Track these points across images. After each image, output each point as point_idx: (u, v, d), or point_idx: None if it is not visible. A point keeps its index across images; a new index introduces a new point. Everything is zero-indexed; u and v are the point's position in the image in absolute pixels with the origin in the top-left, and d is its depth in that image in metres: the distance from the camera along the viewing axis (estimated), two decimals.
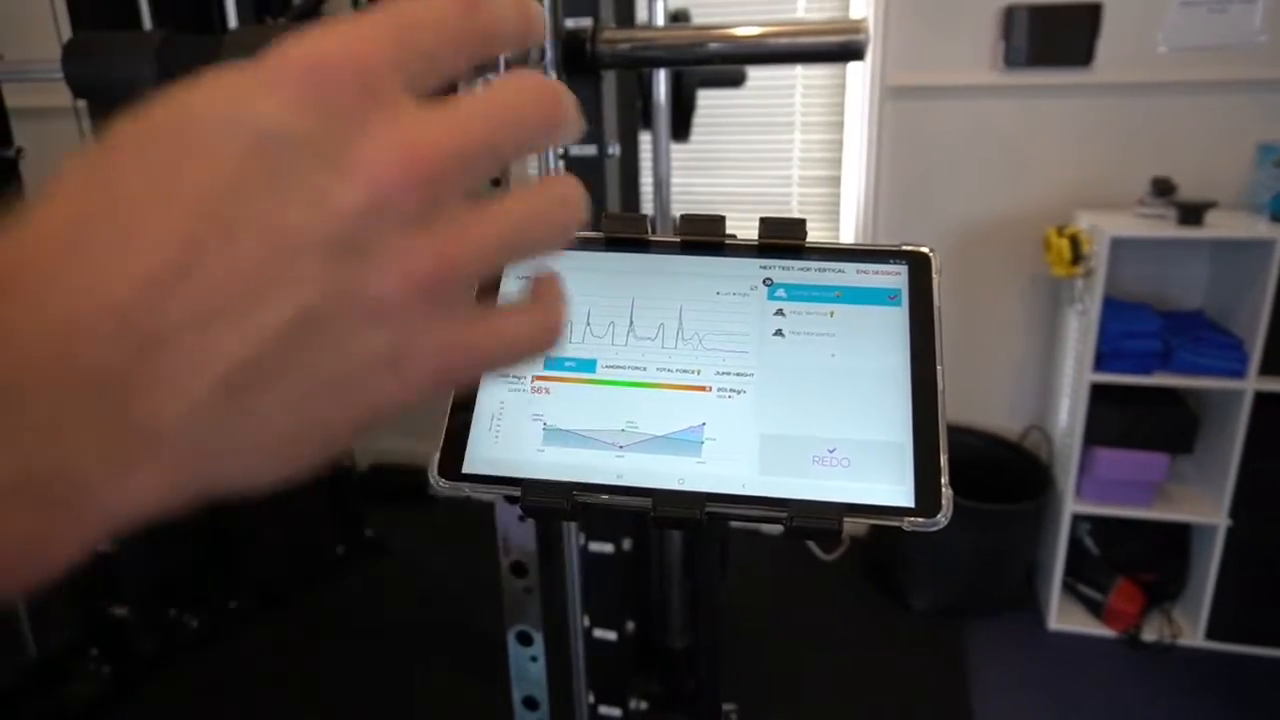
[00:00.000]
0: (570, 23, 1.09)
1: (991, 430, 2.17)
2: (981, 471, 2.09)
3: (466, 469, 0.42)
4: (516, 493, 0.41)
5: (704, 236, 0.46)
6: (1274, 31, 1.83)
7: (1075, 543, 2.01)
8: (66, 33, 1.51)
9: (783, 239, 0.45)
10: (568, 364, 0.44)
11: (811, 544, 2.29)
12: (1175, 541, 1.97)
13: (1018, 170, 2.04)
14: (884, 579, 2.11)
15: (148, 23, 1.62)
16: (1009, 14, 1.94)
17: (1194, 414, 1.82)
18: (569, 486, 0.41)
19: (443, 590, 2.18)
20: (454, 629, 2.03)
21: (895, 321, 0.44)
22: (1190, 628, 1.93)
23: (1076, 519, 1.94)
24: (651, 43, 1.08)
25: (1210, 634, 1.90)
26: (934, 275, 0.46)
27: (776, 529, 1.02)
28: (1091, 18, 1.92)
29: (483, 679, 1.86)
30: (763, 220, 0.46)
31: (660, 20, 1.42)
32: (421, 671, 1.90)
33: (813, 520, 0.39)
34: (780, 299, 0.44)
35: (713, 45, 1.03)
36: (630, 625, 1.47)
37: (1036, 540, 2.05)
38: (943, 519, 0.39)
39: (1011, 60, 1.97)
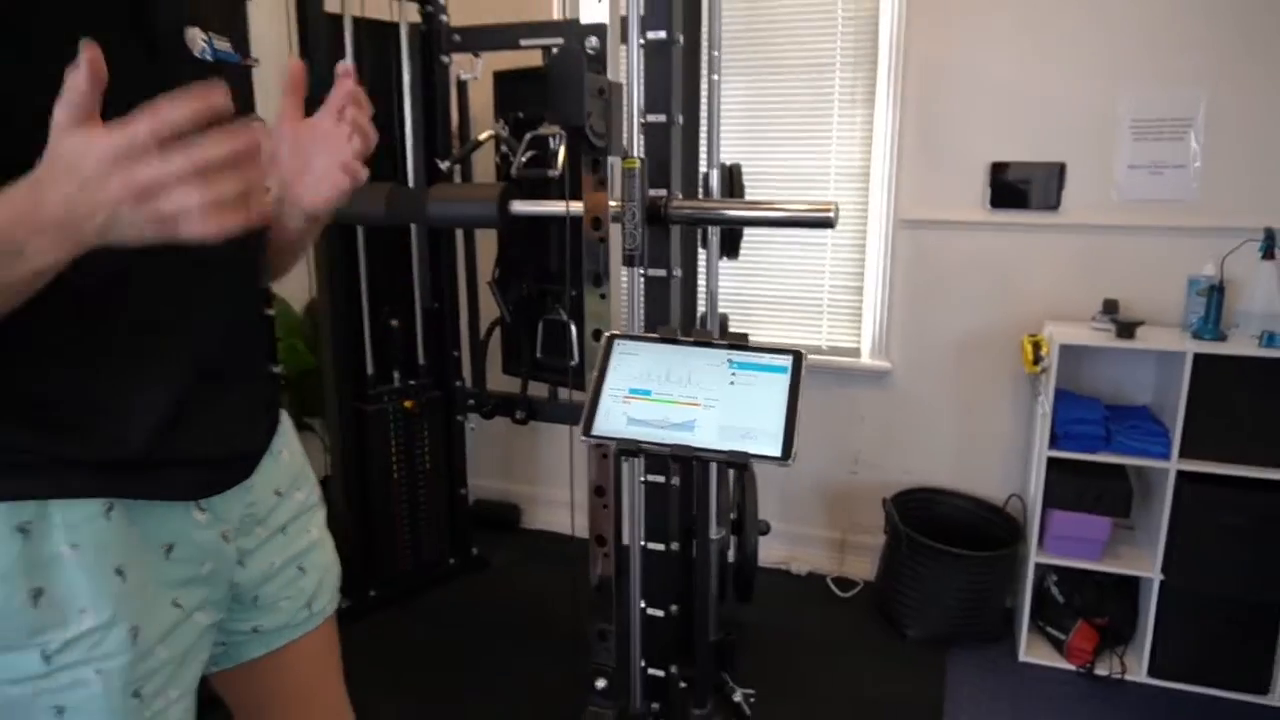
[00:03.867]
0: (652, 192, 1.70)
1: (981, 496, 2.65)
2: (970, 530, 2.57)
3: (594, 433, 1.00)
4: (616, 443, 0.98)
5: (704, 340, 1.04)
6: (1203, 190, 2.35)
7: (1044, 591, 2.46)
8: None
9: (736, 343, 1.03)
10: (639, 390, 1.01)
11: (830, 583, 2.78)
12: (1126, 592, 2.40)
13: (1002, 287, 2.57)
14: (886, 612, 2.58)
15: None
16: (994, 167, 2.51)
17: (1130, 486, 2.29)
18: (638, 442, 0.98)
19: (530, 597, 2.74)
20: (538, 626, 2.58)
21: (783, 381, 1.00)
22: (1136, 665, 2.34)
23: (1040, 568, 2.40)
24: (704, 210, 1.68)
25: (1151, 672, 2.31)
26: (804, 362, 1.02)
27: (803, 570, 1.79)
28: (1059, 173, 2.47)
29: (561, 667, 2.39)
30: (728, 333, 1.02)
31: (716, 175, 2.03)
32: (511, 657, 2.44)
33: (736, 459, 0.95)
34: (734, 368, 1.02)
35: (745, 214, 1.63)
36: (674, 608, 1.99)
37: (1012, 587, 2.50)
38: (792, 462, 0.95)
39: (996, 202, 2.53)
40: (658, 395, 1.01)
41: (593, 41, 1.37)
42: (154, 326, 0.79)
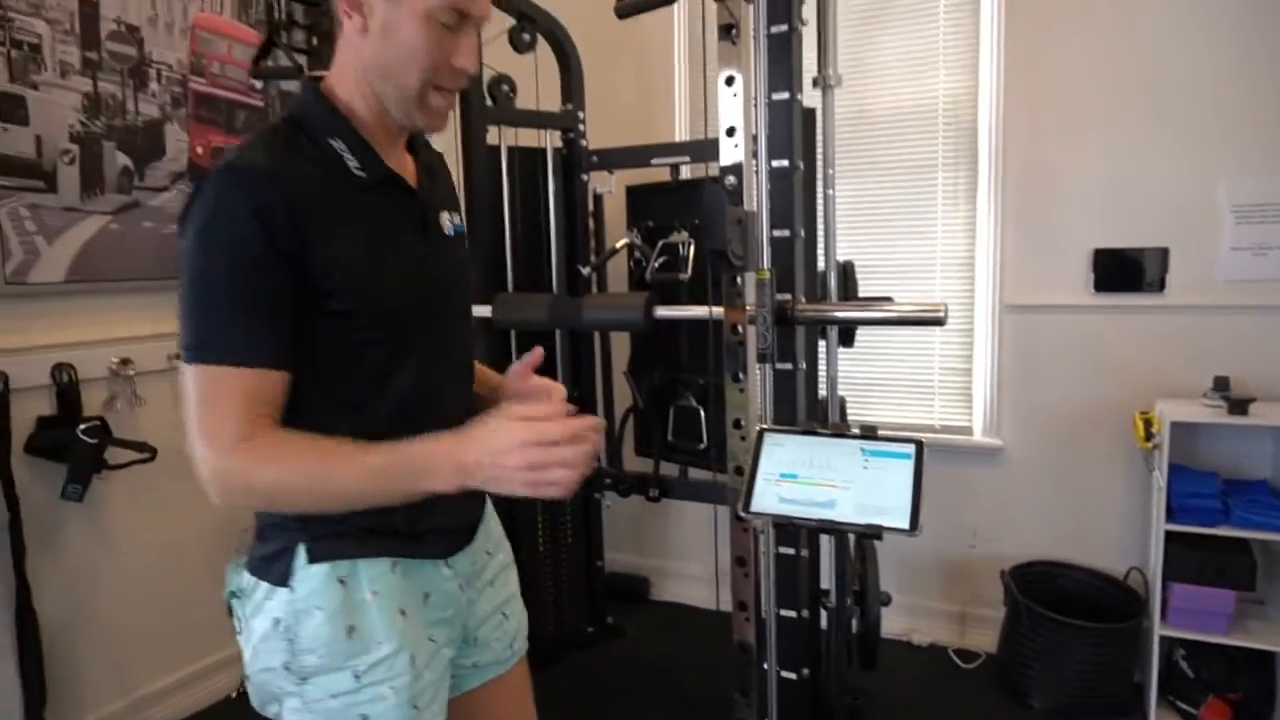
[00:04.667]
0: (779, 296, 1.94)
1: (1100, 569, 2.72)
2: (1091, 603, 2.64)
3: (752, 510, 1.22)
4: (772, 518, 1.20)
5: (840, 432, 1.26)
6: None
7: (1173, 665, 2.49)
8: None
9: (868, 436, 1.24)
10: (788, 474, 1.23)
11: (952, 654, 2.86)
12: (1260, 667, 2.41)
13: (1110, 366, 2.68)
14: (1010, 683, 2.65)
15: (510, 284, 2.66)
16: (1097, 254, 2.66)
17: (1254, 559, 2.33)
18: (790, 517, 1.20)
19: (662, 665, 2.93)
20: (673, 692, 2.76)
21: (908, 465, 1.21)
22: None
23: (1167, 641, 2.44)
24: (825, 313, 1.91)
25: None
26: (925, 449, 1.22)
27: (924, 641, 2.05)
28: (1162, 257, 2.59)
29: None
30: (861, 427, 1.24)
31: (833, 275, 2.26)
32: (650, 719, 2.63)
33: (872, 531, 1.15)
34: (866, 455, 1.23)
35: (862, 315, 1.85)
36: (806, 672, 2.15)
37: (1139, 660, 2.54)
38: (919, 533, 1.15)
39: (1100, 286, 2.66)
40: (804, 479, 1.23)
41: (731, 180, 1.63)
42: None
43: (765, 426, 1.30)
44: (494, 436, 0.90)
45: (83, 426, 2.24)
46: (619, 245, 2.77)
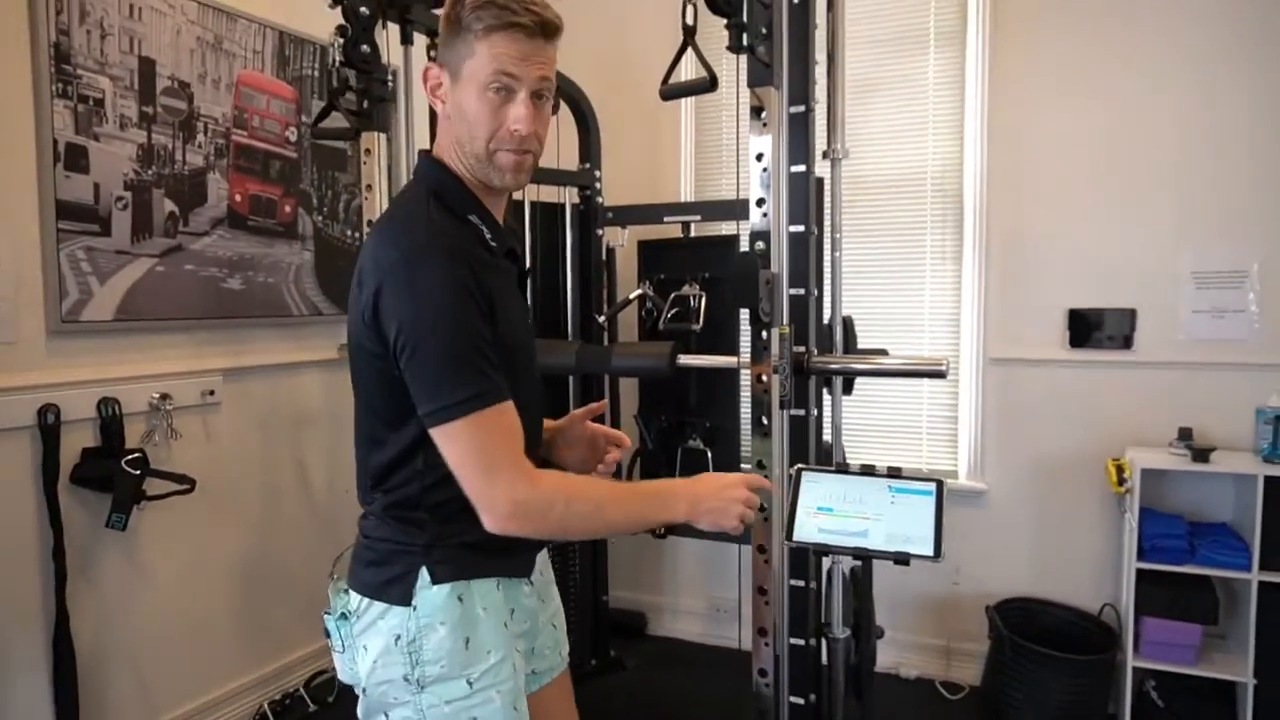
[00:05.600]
0: (796, 349, 2.13)
1: (1076, 605, 2.91)
2: (1068, 637, 2.82)
3: (794, 539, 1.39)
4: (812, 546, 1.37)
5: (868, 471, 1.44)
6: (1263, 330, 2.68)
7: (1144, 695, 2.67)
8: None
9: (894, 475, 1.42)
10: (825, 508, 1.41)
11: (940, 686, 3.02)
12: (1224, 697, 2.60)
13: (1085, 416, 2.90)
14: (994, 713, 2.81)
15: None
16: (1072, 313, 2.89)
17: (1216, 596, 2.53)
18: (828, 545, 1.36)
19: (663, 697, 3.05)
20: None
21: (930, 501, 1.39)
22: None
23: (1139, 673, 2.63)
24: (836, 364, 2.11)
25: None
26: (945, 487, 1.40)
27: (912, 674, 2.29)
28: (1131, 318, 2.84)
29: None
30: (889, 468, 1.42)
31: (839, 329, 2.46)
32: None
33: (901, 557, 1.33)
34: (893, 491, 1.41)
35: (872, 367, 2.05)
36: (813, 697, 2.30)
37: (1113, 692, 2.72)
38: (942, 559, 1.32)
39: (1075, 343, 2.89)
40: (839, 512, 1.40)
41: (760, 246, 1.83)
42: None
43: (804, 466, 1.47)
44: (720, 478, 1.22)
45: (126, 458, 2.35)
46: (632, 296, 2.95)
